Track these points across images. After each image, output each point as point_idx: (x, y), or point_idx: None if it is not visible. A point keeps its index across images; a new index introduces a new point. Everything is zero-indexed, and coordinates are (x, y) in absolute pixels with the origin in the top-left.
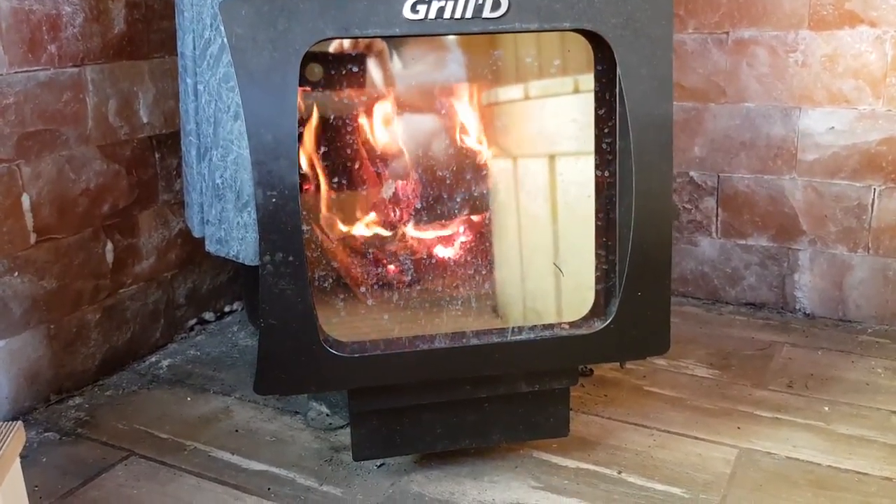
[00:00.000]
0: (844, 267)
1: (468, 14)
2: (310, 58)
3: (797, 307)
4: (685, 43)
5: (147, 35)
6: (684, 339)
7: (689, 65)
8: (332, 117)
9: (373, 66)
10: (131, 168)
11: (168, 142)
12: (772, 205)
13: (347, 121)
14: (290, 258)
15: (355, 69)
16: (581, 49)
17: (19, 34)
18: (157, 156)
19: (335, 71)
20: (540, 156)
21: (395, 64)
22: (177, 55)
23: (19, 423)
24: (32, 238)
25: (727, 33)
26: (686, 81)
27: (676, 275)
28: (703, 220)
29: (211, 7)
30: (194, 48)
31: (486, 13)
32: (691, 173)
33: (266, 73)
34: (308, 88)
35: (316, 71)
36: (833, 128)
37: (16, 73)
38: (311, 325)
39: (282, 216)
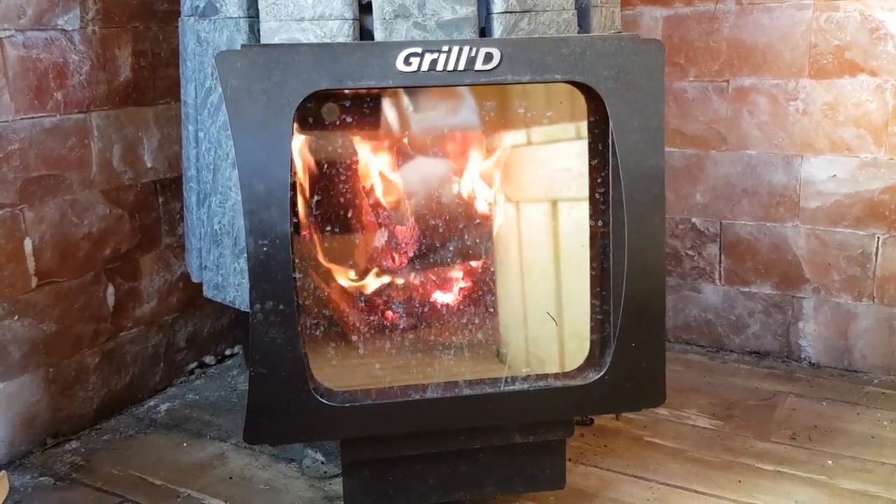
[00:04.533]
0: (849, 316)
1: (461, 66)
2: (322, 98)
3: (802, 356)
4: (686, 90)
5: (153, 82)
6: (687, 387)
7: (690, 112)
8: (329, 163)
9: (371, 113)
10: (134, 212)
11: (172, 186)
12: (775, 252)
13: (344, 166)
14: (281, 307)
15: (353, 116)
16: (577, 98)
17: (26, 82)
18: (160, 200)
19: (334, 117)
20: (540, 201)
21: (394, 109)
22: (181, 102)
23: (3, 472)
24: (34, 282)
25: (727, 81)
26: (687, 128)
27: (680, 321)
28: (706, 267)
29: (212, 58)
30: (196, 97)
31: (479, 66)
32: (693, 220)
33: (260, 124)
34: (304, 135)
35: (332, 110)
36: (835, 176)
37: (21, 119)
38: (301, 375)
39: (273, 265)
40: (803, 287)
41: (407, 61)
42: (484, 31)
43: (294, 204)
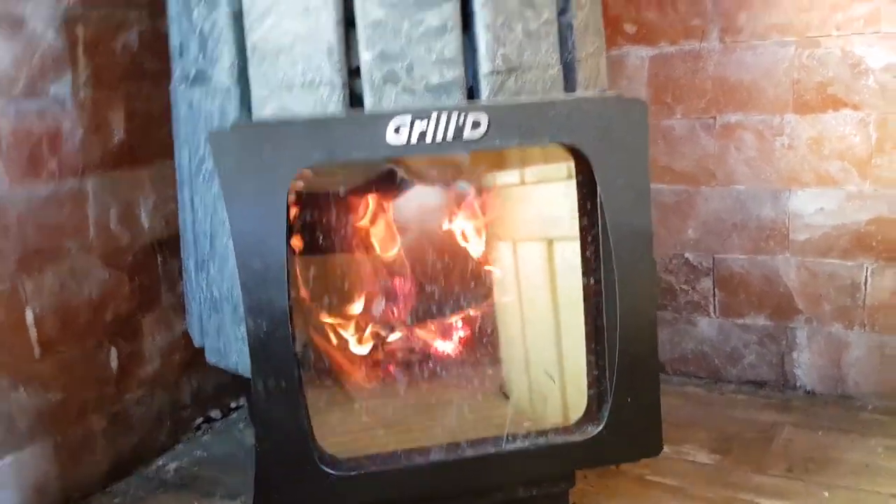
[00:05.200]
0: (841, 345)
1: (449, 137)
2: None
3: (797, 385)
4: (674, 128)
5: (147, 141)
6: (686, 422)
7: (679, 149)
8: (321, 225)
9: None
10: (133, 274)
11: (170, 244)
12: (767, 284)
13: (336, 224)
14: (283, 383)
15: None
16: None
17: (19, 152)
18: (159, 259)
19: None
20: (535, 240)
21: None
22: (175, 165)
23: None
24: (37, 352)
25: (714, 118)
26: (676, 165)
27: (677, 354)
28: (701, 301)
29: (204, 125)
30: (190, 162)
31: (467, 134)
32: (686, 255)
33: (255, 202)
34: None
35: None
36: (822, 209)
37: (16, 191)
38: (305, 447)
39: (272, 343)
40: (796, 318)
41: (396, 131)
42: (472, 92)
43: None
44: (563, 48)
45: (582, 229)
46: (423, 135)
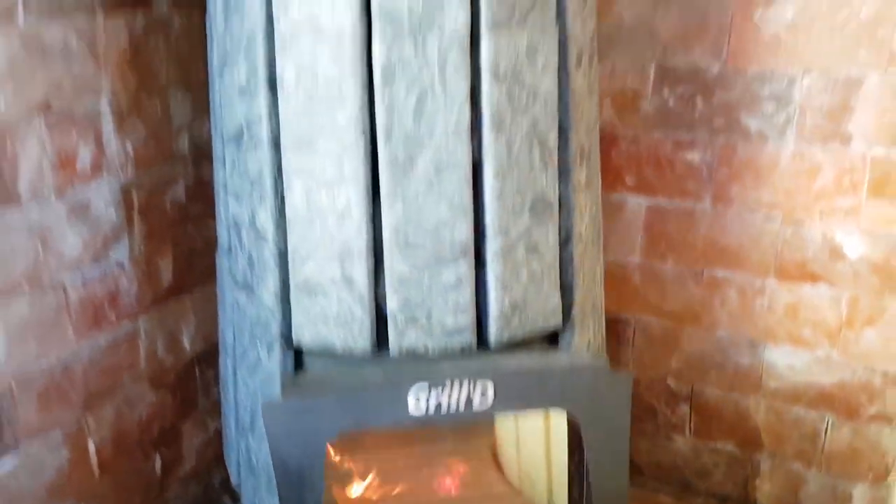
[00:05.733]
0: (799, 480)
1: (461, 408)
2: None
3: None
4: (665, 273)
5: (190, 272)
6: None
7: (669, 292)
8: None
9: None
10: (176, 390)
11: (207, 357)
12: (738, 418)
13: None
14: None
15: None
16: None
17: (85, 315)
18: (197, 372)
19: None
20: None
21: None
22: (219, 338)
23: None
24: (97, 474)
25: (703, 271)
26: (665, 305)
27: (654, 461)
28: (678, 423)
29: (248, 328)
30: (235, 342)
31: (476, 403)
32: (669, 381)
33: (297, 465)
34: None
35: None
36: (793, 365)
37: (82, 346)
38: None
39: None
40: (761, 450)
41: (417, 406)
42: (480, 329)
43: None
44: (563, 277)
45: (570, 474)
46: (438, 407)
